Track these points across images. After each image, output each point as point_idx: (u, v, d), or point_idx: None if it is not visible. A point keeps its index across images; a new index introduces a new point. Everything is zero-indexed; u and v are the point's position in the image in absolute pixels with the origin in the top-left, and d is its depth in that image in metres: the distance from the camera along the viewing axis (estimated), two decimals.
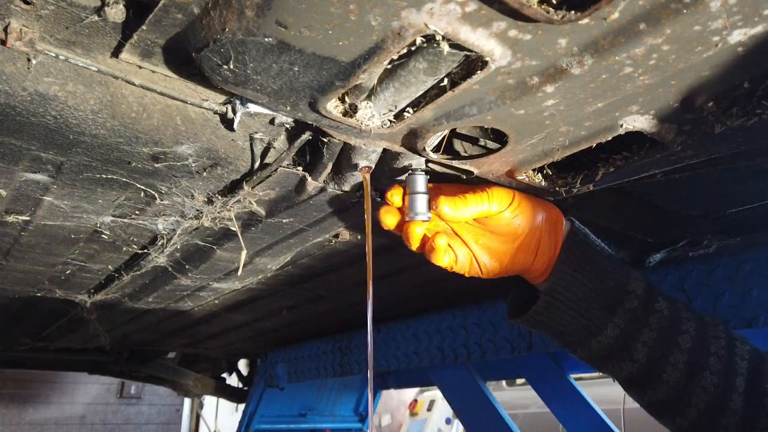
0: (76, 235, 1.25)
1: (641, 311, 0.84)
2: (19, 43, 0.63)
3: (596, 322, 0.84)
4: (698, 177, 0.94)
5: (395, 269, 1.53)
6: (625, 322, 0.83)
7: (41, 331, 2.49)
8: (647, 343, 0.83)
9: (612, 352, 0.85)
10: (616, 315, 0.84)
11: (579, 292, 0.85)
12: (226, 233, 1.24)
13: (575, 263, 0.85)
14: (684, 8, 0.48)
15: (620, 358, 0.85)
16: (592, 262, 0.86)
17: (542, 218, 0.86)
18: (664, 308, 0.85)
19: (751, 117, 0.65)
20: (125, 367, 3.42)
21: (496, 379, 2.43)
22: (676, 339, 0.84)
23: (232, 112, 0.79)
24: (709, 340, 0.85)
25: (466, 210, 0.80)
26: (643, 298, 0.85)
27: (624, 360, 0.85)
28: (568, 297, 0.85)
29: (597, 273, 0.85)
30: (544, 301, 0.86)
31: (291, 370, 2.81)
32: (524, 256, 0.86)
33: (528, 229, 0.85)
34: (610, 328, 0.84)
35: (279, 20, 0.52)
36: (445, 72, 0.60)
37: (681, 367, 0.83)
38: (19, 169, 0.92)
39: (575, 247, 0.86)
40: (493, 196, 0.83)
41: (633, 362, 0.84)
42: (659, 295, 0.87)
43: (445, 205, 0.80)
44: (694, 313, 0.88)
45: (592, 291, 0.85)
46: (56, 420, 5.82)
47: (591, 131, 0.72)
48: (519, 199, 0.85)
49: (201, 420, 6.64)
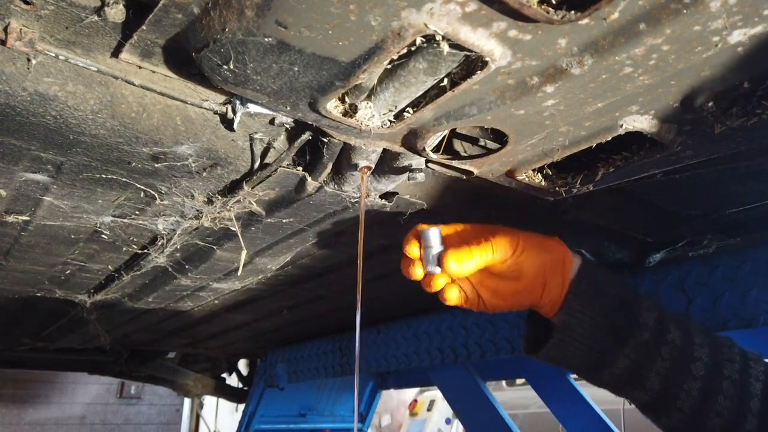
0: (76, 235, 1.25)
1: (653, 343, 0.85)
2: (19, 43, 0.63)
3: (607, 355, 0.86)
4: (698, 177, 0.94)
5: (395, 269, 1.52)
6: (636, 354, 0.85)
7: (41, 331, 2.49)
8: (660, 373, 0.85)
9: (625, 381, 0.87)
10: (627, 347, 0.85)
11: (589, 326, 0.86)
12: (226, 233, 1.24)
13: (583, 299, 0.87)
14: (684, 8, 0.48)
15: (633, 387, 0.87)
16: (601, 295, 0.88)
17: (547, 261, 0.87)
18: (676, 338, 0.86)
19: (751, 117, 0.65)
20: (125, 367, 3.42)
21: (496, 379, 2.42)
22: (688, 367, 0.85)
23: (232, 112, 0.79)
24: (723, 364, 0.86)
25: (470, 263, 0.83)
26: (655, 330, 0.86)
27: (637, 389, 0.87)
28: (579, 333, 0.87)
29: (606, 307, 0.87)
30: (555, 338, 0.88)
31: (291, 370, 2.81)
32: (529, 296, 0.88)
33: (533, 272, 0.87)
34: (621, 359, 0.86)
35: (279, 20, 0.52)
36: (445, 72, 0.60)
37: (695, 394, 0.84)
38: (19, 169, 0.92)
39: (584, 283, 0.88)
40: (498, 246, 0.84)
41: (646, 391, 0.86)
42: (671, 323, 0.88)
43: (451, 261, 0.83)
44: (707, 337, 0.89)
45: (602, 325, 0.86)
46: (56, 420, 5.82)
47: (591, 131, 0.72)
48: (523, 245, 0.86)
49: (201, 420, 6.64)
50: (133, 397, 6.29)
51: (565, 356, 0.89)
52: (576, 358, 0.88)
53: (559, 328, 0.88)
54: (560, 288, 0.88)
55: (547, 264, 0.87)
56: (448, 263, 0.83)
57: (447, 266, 0.83)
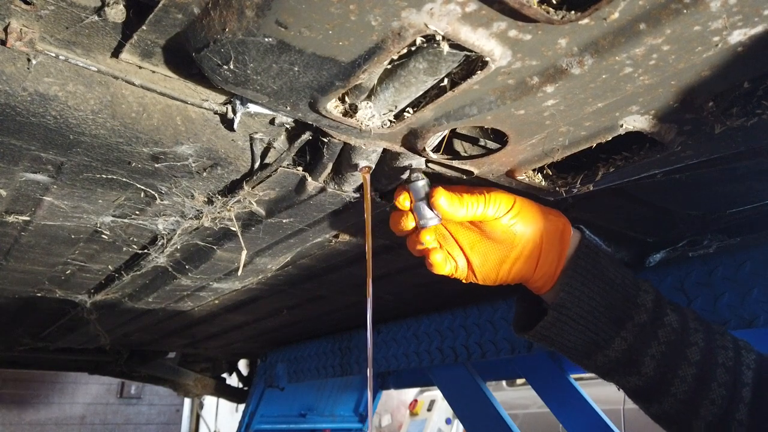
0: (76, 235, 1.25)
1: (650, 325, 0.82)
2: (19, 43, 0.63)
3: (603, 336, 0.83)
4: (698, 177, 0.94)
5: (395, 269, 1.53)
6: (633, 336, 0.82)
7: (41, 331, 2.49)
8: (655, 357, 0.82)
9: (618, 365, 0.84)
10: (624, 329, 0.82)
11: (587, 306, 0.82)
12: (226, 233, 1.24)
13: (583, 276, 0.83)
14: (684, 8, 0.48)
15: (627, 372, 0.84)
16: (601, 274, 0.84)
17: (544, 228, 0.83)
18: (673, 321, 0.83)
19: (751, 117, 0.65)
20: (125, 367, 3.42)
21: (496, 379, 2.42)
22: (684, 352, 0.82)
23: (232, 112, 0.79)
24: (717, 351, 0.83)
25: (460, 209, 0.80)
26: (652, 312, 0.83)
27: (631, 373, 0.83)
28: (576, 312, 0.83)
29: (606, 286, 0.83)
30: (551, 316, 0.84)
31: (291, 370, 2.81)
32: (522, 266, 0.84)
33: (527, 239, 0.83)
34: (618, 341, 0.82)
35: (279, 20, 0.52)
36: (445, 72, 0.60)
37: (689, 380, 0.81)
38: (19, 169, 0.92)
39: (584, 259, 0.84)
40: (491, 200, 0.81)
41: (640, 375, 0.83)
42: (668, 307, 0.85)
43: (442, 197, 0.79)
44: (702, 323, 0.86)
45: (600, 305, 0.82)
46: (56, 420, 5.82)
47: (591, 131, 0.72)
48: (519, 207, 0.83)
49: (201, 420, 6.64)
50: (133, 397, 6.30)
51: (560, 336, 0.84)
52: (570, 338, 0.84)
53: (555, 305, 0.83)
54: (556, 261, 0.84)
55: (544, 232, 0.83)
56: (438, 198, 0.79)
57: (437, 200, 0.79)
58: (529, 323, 0.89)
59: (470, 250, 0.84)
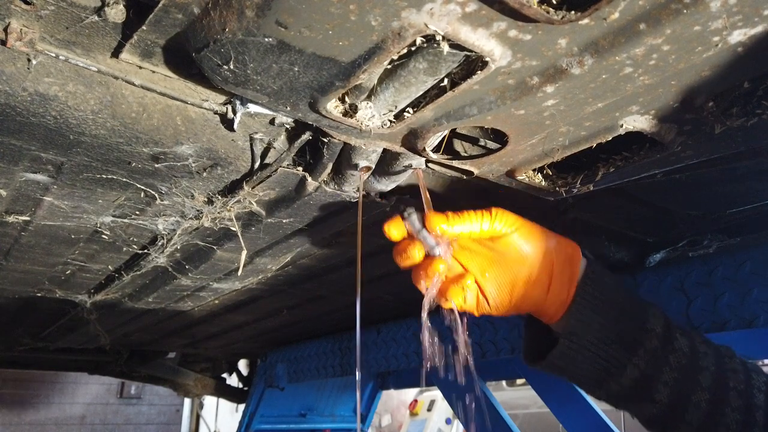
0: (76, 235, 1.25)
1: (661, 350, 0.81)
2: (20, 43, 0.63)
3: (615, 363, 0.81)
4: (698, 177, 0.94)
5: (395, 269, 1.52)
6: (645, 363, 0.80)
7: (41, 331, 2.49)
8: (668, 383, 0.80)
9: (632, 393, 0.82)
10: (636, 356, 0.81)
11: (598, 333, 0.81)
12: (226, 233, 1.24)
13: (592, 303, 0.82)
14: (684, 8, 0.48)
15: (641, 399, 0.82)
16: (610, 300, 0.82)
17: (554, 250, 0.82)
18: (683, 346, 0.82)
19: (751, 117, 0.65)
20: (125, 367, 3.42)
21: (496, 379, 2.42)
22: (696, 377, 0.81)
23: (232, 112, 0.79)
24: (728, 375, 0.82)
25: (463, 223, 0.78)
26: (662, 337, 0.82)
27: (645, 401, 0.82)
28: (588, 339, 0.81)
29: (615, 312, 0.82)
30: (563, 345, 0.82)
31: (291, 370, 2.81)
32: (535, 291, 0.82)
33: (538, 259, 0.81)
34: (630, 369, 0.81)
35: (279, 20, 0.52)
36: (445, 72, 0.60)
37: (703, 406, 0.80)
38: (19, 169, 0.92)
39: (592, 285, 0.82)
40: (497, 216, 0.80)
41: (654, 403, 0.81)
42: (677, 331, 0.83)
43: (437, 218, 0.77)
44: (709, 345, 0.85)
45: (611, 332, 0.81)
46: (56, 420, 5.82)
47: (591, 131, 0.72)
48: (529, 225, 0.81)
49: (201, 420, 6.64)
50: (133, 397, 6.29)
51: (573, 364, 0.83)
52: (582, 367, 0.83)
53: (567, 333, 0.82)
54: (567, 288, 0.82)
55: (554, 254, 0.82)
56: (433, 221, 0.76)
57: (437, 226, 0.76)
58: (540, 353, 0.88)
59: (480, 274, 0.82)
